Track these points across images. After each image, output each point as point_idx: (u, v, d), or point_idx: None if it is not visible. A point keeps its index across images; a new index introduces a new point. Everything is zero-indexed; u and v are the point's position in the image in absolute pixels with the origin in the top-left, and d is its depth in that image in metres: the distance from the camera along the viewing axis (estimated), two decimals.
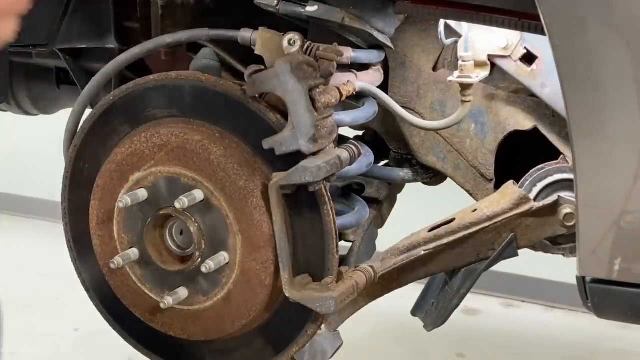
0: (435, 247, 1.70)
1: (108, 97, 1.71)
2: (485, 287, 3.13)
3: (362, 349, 2.87)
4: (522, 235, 1.67)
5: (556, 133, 1.76)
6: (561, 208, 1.63)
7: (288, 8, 1.64)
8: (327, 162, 1.54)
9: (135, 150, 1.64)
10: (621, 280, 1.46)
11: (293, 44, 1.55)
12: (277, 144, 1.54)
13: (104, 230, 1.70)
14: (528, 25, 1.52)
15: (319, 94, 1.54)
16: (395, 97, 1.86)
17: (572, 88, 1.39)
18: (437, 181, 2.02)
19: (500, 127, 1.80)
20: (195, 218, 1.61)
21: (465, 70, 1.70)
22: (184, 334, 1.71)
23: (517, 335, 3.21)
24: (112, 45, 2.01)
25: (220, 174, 1.58)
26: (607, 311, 1.54)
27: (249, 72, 1.56)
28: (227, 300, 1.63)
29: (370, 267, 1.68)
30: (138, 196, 1.62)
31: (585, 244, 1.46)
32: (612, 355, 3.07)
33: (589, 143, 1.41)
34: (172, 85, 1.64)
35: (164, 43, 1.75)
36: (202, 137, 1.60)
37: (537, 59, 1.75)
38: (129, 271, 1.69)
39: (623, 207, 1.41)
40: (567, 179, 1.67)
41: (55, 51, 2.04)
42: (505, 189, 1.69)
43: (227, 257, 1.61)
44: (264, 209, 1.57)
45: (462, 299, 1.73)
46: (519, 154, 1.80)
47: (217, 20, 1.79)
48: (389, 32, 1.71)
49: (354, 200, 1.90)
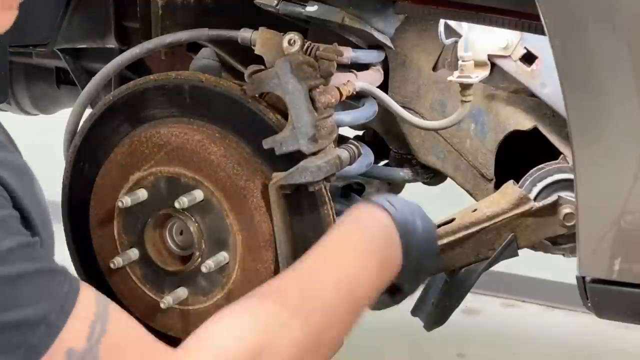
0: None
1: (108, 97, 1.71)
2: (485, 287, 3.13)
3: (362, 349, 2.86)
4: (522, 235, 1.67)
5: (556, 133, 1.76)
6: (561, 208, 1.63)
7: (288, 8, 1.64)
8: (327, 162, 1.54)
9: (135, 150, 1.64)
10: (621, 280, 1.46)
11: (293, 44, 1.55)
12: (277, 143, 1.54)
13: (104, 230, 1.70)
14: (528, 25, 1.52)
15: (319, 94, 1.54)
16: (395, 97, 1.86)
17: (572, 88, 1.39)
18: (437, 181, 2.02)
19: (500, 127, 1.81)
20: (195, 218, 1.61)
21: (465, 70, 1.70)
22: (184, 334, 1.70)
23: (517, 335, 3.20)
24: (112, 45, 2.01)
25: (220, 174, 1.59)
26: (607, 311, 1.54)
27: (249, 72, 1.56)
28: (227, 300, 1.63)
29: None
30: (138, 196, 1.62)
31: (585, 244, 1.46)
32: (612, 355, 3.07)
33: (589, 143, 1.41)
34: (172, 85, 1.64)
35: (164, 43, 1.75)
36: (202, 137, 1.60)
37: (537, 59, 1.75)
38: (129, 271, 1.69)
39: (623, 207, 1.41)
40: (567, 179, 1.66)
41: (55, 51, 2.04)
42: (505, 189, 1.69)
43: (227, 257, 1.61)
44: (264, 209, 1.57)
45: (462, 299, 1.73)
46: (519, 154, 1.80)
47: (217, 20, 1.79)
48: (389, 32, 1.71)
49: (354, 200, 1.90)
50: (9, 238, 1.05)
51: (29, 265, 1.05)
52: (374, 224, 1.42)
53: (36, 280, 1.05)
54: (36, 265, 1.06)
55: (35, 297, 1.05)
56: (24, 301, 1.04)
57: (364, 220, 1.43)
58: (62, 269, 1.10)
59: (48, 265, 1.08)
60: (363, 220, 1.43)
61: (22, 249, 1.06)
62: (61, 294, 1.07)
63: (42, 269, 1.07)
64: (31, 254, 1.07)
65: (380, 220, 1.42)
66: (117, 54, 1.83)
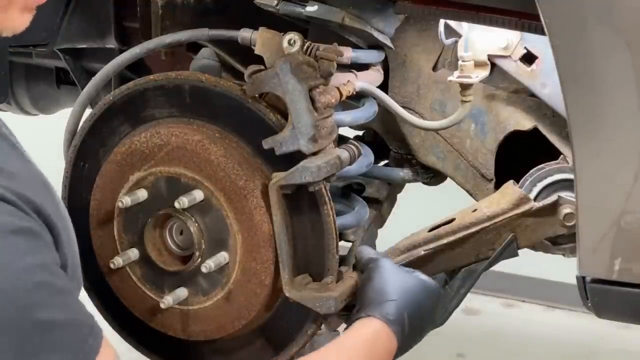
0: (435, 247, 1.70)
1: (108, 97, 1.71)
2: (485, 287, 3.13)
3: None
4: (522, 235, 1.67)
5: (556, 133, 1.76)
6: (561, 208, 1.63)
7: (288, 8, 1.64)
8: (327, 162, 1.54)
9: (135, 150, 1.64)
10: (621, 280, 1.46)
11: (293, 44, 1.55)
12: (277, 144, 1.54)
13: (104, 230, 1.70)
14: (528, 25, 1.52)
15: (319, 94, 1.54)
16: (395, 97, 1.86)
17: (572, 88, 1.39)
18: (437, 181, 2.02)
19: (500, 127, 1.81)
20: (195, 218, 1.61)
21: (465, 70, 1.70)
22: (184, 334, 1.71)
23: (517, 335, 3.21)
24: (112, 45, 2.01)
25: (220, 174, 1.59)
26: (607, 311, 1.54)
27: (249, 72, 1.56)
28: (227, 300, 1.63)
29: None
30: (138, 196, 1.62)
31: (585, 244, 1.46)
32: (612, 355, 3.07)
33: (589, 143, 1.41)
34: (172, 85, 1.64)
35: (164, 43, 1.75)
36: (202, 137, 1.60)
37: (537, 59, 1.75)
38: (128, 271, 1.69)
39: (623, 207, 1.41)
40: (567, 179, 1.66)
41: (55, 51, 2.05)
42: (505, 189, 1.69)
43: (227, 257, 1.61)
44: (264, 209, 1.57)
45: (462, 299, 1.73)
46: (519, 154, 1.80)
47: (217, 20, 1.79)
48: (389, 32, 1.71)
49: (354, 200, 1.90)
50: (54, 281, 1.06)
51: (61, 313, 1.06)
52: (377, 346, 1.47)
53: (66, 330, 1.07)
54: (68, 316, 1.07)
55: (61, 346, 1.06)
56: (50, 348, 1.04)
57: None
58: (89, 321, 1.11)
59: (77, 317, 1.10)
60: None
61: (57, 295, 1.06)
62: (85, 348, 1.08)
63: (73, 320, 1.09)
64: (64, 301, 1.08)
65: (381, 342, 1.48)
66: (117, 54, 1.83)
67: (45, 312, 1.03)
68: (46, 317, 1.04)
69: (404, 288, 1.53)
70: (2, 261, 1.01)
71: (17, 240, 1.03)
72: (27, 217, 1.06)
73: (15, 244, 1.03)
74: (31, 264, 1.03)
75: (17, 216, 1.05)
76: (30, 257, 1.04)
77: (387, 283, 1.53)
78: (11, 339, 1.01)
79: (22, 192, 1.06)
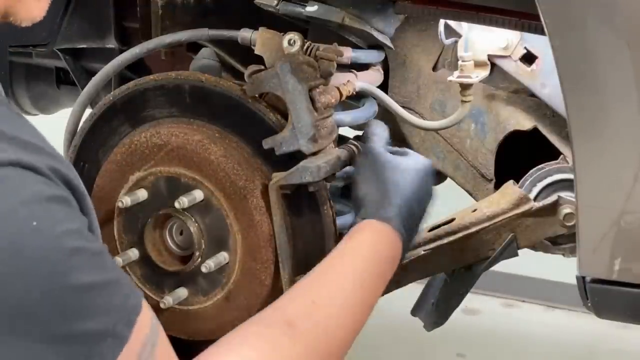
0: (435, 247, 1.70)
1: (108, 97, 1.71)
2: (485, 287, 3.13)
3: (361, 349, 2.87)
4: (522, 235, 1.67)
5: (556, 133, 1.76)
6: (561, 208, 1.63)
7: (288, 8, 1.64)
8: (327, 162, 1.54)
9: (135, 150, 1.64)
10: (621, 280, 1.46)
11: (293, 44, 1.55)
12: (277, 144, 1.54)
13: (104, 230, 1.70)
14: (528, 25, 1.52)
15: (319, 94, 1.54)
16: (395, 97, 1.86)
17: (572, 88, 1.39)
18: (437, 181, 2.02)
19: (500, 127, 1.81)
20: (195, 218, 1.61)
21: (465, 70, 1.71)
22: (184, 334, 1.71)
23: (517, 335, 3.21)
24: (112, 45, 2.01)
25: (220, 174, 1.59)
26: (607, 311, 1.54)
27: (249, 72, 1.56)
28: (227, 300, 1.63)
29: None
30: (138, 196, 1.62)
31: (585, 244, 1.46)
32: (612, 355, 3.07)
33: (589, 143, 1.41)
34: (172, 85, 1.64)
35: (164, 43, 1.75)
36: (202, 137, 1.60)
37: (537, 59, 1.75)
38: (128, 271, 1.69)
39: (623, 207, 1.41)
40: (567, 179, 1.67)
41: (55, 51, 2.05)
42: (505, 189, 1.69)
43: (227, 257, 1.61)
44: (264, 209, 1.57)
45: (462, 299, 1.73)
46: (519, 154, 1.80)
47: (217, 20, 1.79)
48: (389, 32, 1.71)
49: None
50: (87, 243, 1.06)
51: (100, 275, 1.06)
52: (380, 248, 1.44)
53: (106, 290, 1.05)
54: (107, 277, 1.07)
55: (104, 308, 1.05)
56: (93, 312, 1.04)
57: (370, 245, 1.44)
58: (126, 281, 1.11)
59: (116, 276, 1.09)
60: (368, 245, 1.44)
61: (93, 258, 1.06)
62: (128, 307, 1.07)
63: (113, 281, 1.07)
64: (102, 263, 1.08)
65: (384, 246, 1.44)
66: (117, 54, 1.83)
67: (85, 275, 1.03)
68: (86, 280, 1.03)
69: (399, 180, 1.48)
70: (40, 227, 1.01)
71: (53, 207, 1.04)
72: (57, 186, 1.07)
73: (51, 210, 1.04)
74: (67, 230, 1.04)
75: (49, 185, 1.05)
76: (66, 224, 1.04)
77: (380, 180, 1.48)
78: (54, 305, 1.01)
79: (51, 164, 1.07)
